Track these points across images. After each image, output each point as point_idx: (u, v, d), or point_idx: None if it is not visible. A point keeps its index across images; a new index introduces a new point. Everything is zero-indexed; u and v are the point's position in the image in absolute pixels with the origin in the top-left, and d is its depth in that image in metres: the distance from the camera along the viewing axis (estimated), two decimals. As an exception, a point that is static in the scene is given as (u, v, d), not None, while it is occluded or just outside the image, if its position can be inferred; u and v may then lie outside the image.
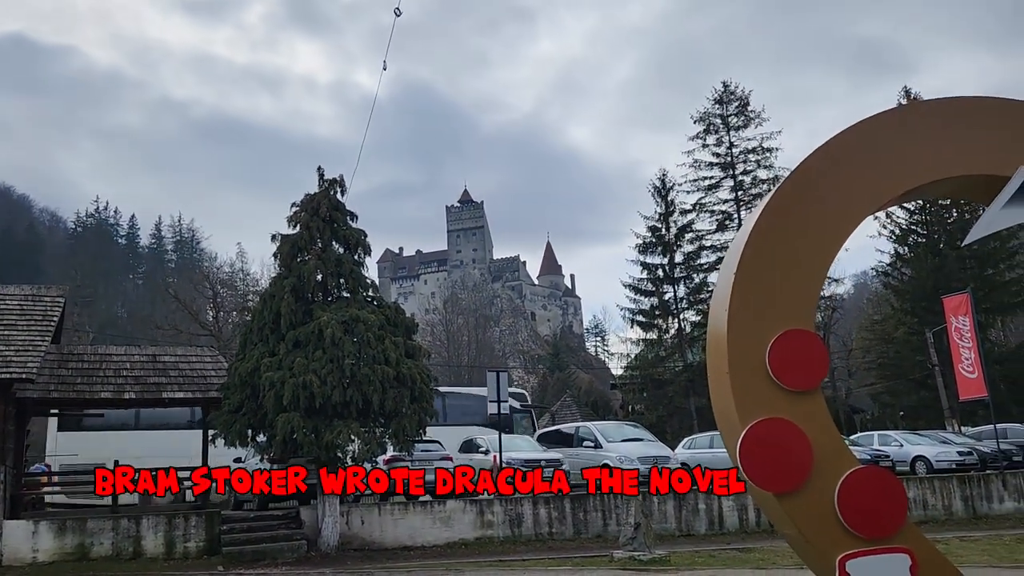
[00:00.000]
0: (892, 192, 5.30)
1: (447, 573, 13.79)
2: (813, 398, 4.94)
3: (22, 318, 18.05)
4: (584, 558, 15.30)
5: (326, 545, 16.63)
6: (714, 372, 5.25)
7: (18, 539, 15.99)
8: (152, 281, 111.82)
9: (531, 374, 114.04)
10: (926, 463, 22.57)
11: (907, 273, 42.96)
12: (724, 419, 5.17)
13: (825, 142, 5.28)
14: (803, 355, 4.89)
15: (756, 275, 5.02)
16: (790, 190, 5.21)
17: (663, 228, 43.92)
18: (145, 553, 16.43)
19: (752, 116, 43.86)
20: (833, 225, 5.18)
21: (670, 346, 43.88)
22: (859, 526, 4.69)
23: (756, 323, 4.93)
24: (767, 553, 15.30)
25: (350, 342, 16.07)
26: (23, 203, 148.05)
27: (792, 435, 4.74)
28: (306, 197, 18.07)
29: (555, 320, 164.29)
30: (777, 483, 4.74)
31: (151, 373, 18.83)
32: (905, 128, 5.34)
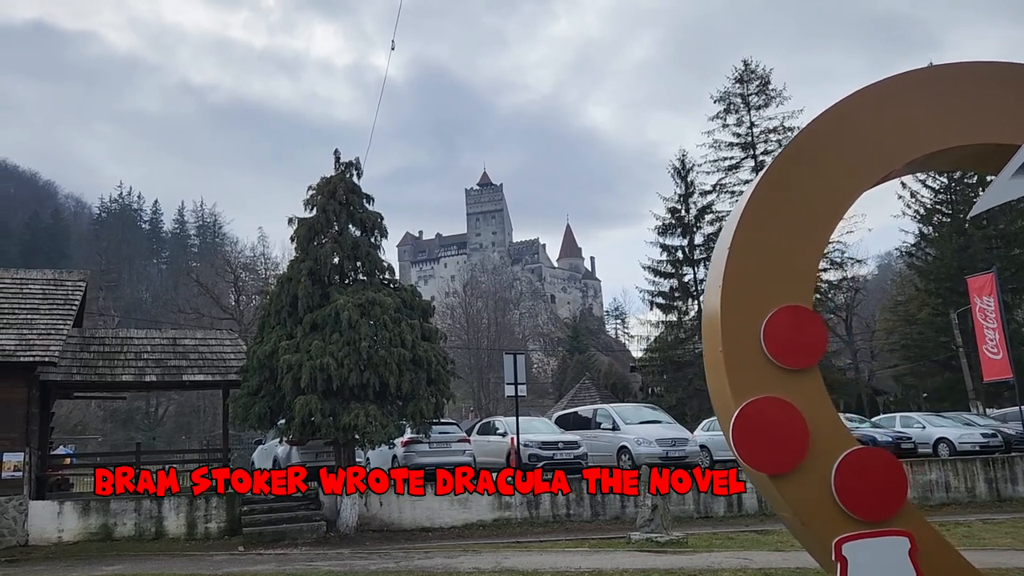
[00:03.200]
0: (894, 163, 5.09)
1: (465, 554, 13.83)
2: (810, 376, 4.78)
3: (44, 302, 18.27)
4: (601, 540, 15.30)
5: (345, 527, 16.76)
6: (709, 351, 5.12)
7: (44, 520, 16.28)
8: (175, 265, 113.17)
9: (551, 356, 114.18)
10: (949, 445, 22.28)
11: (931, 253, 42.32)
12: (719, 399, 5.04)
13: (824, 111, 5.08)
14: (800, 333, 4.73)
15: (751, 250, 4.87)
16: (788, 161, 5.02)
17: (683, 209, 43.50)
18: (167, 534, 16.67)
19: (773, 95, 43.14)
20: (831, 197, 4.99)
21: (690, 328, 43.56)
22: (856, 508, 4.56)
23: (751, 300, 4.78)
24: (785, 535, 15.16)
25: (367, 325, 16.08)
26: (48, 189, 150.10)
27: (787, 414, 4.60)
28: (322, 180, 18.07)
29: (575, 303, 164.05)
30: (771, 464, 4.61)
31: (171, 356, 19.01)
32: (907, 95, 5.10)
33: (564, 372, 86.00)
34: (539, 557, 13.15)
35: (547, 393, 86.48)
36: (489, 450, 20.85)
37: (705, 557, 12.46)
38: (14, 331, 16.92)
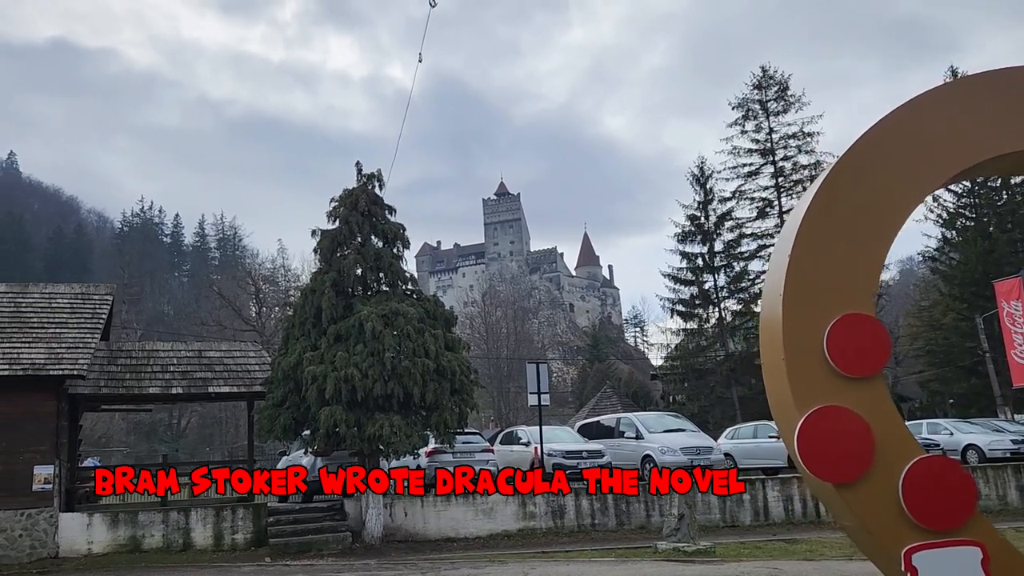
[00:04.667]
0: (953, 169, 5.07)
1: (491, 564, 13.81)
2: (874, 384, 4.75)
3: (72, 316, 18.50)
4: (628, 549, 15.22)
5: (370, 537, 16.79)
6: (768, 359, 5.08)
7: (73, 531, 16.42)
8: (197, 278, 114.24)
9: (570, 365, 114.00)
10: (978, 452, 21.98)
11: (955, 257, 41.85)
12: (780, 408, 5.00)
13: (880, 119, 5.08)
14: (863, 340, 4.70)
15: (812, 257, 4.83)
16: (847, 167, 4.99)
17: (702, 216, 43.37)
18: (194, 545, 16.77)
19: (792, 100, 42.97)
20: (893, 203, 4.97)
21: (711, 335, 43.37)
22: (925, 518, 4.50)
23: (812, 308, 4.75)
24: (814, 544, 15.07)
25: (390, 335, 16.13)
26: (71, 204, 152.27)
27: (852, 423, 4.57)
28: (344, 192, 18.17)
29: (593, 311, 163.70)
30: (837, 473, 4.56)
31: (197, 368, 19.16)
32: (964, 102, 5.10)
33: (584, 381, 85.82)
34: (565, 567, 13.11)
35: (567, 402, 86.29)
36: (512, 459, 20.81)
37: (734, 567, 12.36)
38: (43, 345, 17.14)
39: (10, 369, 16.33)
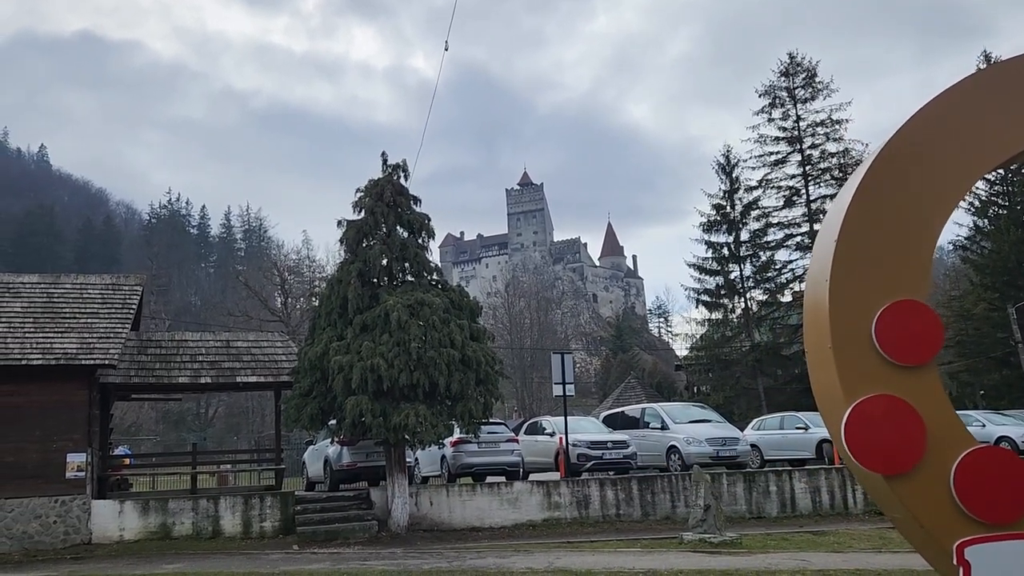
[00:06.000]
0: (1009, 151, 4.91)
1: (516, 554, 13.84)
2: (926, 373, 4.60)
3: (103, 306, 18.75)
4: (653, 540, 15.18)
5: (396, 526, 16.90)
6: (814, 347, 4.96)
7: (105, 518, 16.70)
8: (223, 269, 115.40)
9: (594, 356, 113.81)
10: (1012, 444, 21.67)
11: (987, 246, 41.12)
12: (826, 397, 4.89)
13: (926, 104, 4.95)
14: (915, 327, 4.57)
15: (860, 242, 4.69)
16: (898, 148, 4.84)
17: (728, 206, 42.92)
18: (223, 532, 16.98)
19: (820, 87, 42.30)
20: (942, 188, 4.83)
21: (736, 326, 43.02)
22: (980, 510, 4.36)
23: (861, 294, 4.62)
24: (842, 536, 14.95)
25: (416, 325, 16.18)
26: (100, 196, 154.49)
27: (903, 413, 4.45)
28: (370, 183, 18.22)
29: (617, 301, 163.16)
30: (887, 464, 4.44)
31: (225, 358, 19.36)
32: (1010, 86, 4.94)
33: (608, 371, 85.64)
34: (591, 557, 13.10)
35: (591, 393, 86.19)
36: (537, 450, 20.82)
37: (761, 558, 12.28)
38: (75, 335, 17.40)
39: (43, 358, 16.60)
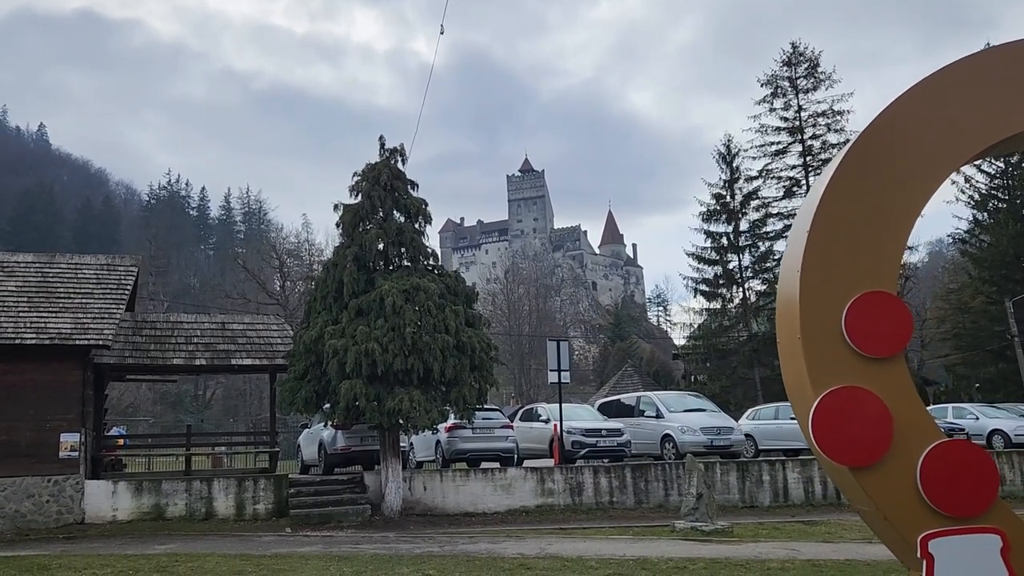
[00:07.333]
0: (982, 143, 4.86)
1: (508, 539, 13.87)
2: (894, 365, 4.58)
3: (98, 287, 18.71)
4: (645, 528, 15.22)
5: (389, 510, 16.93)
6: (784, 338, 4.95)
7: (99, 498, 16.73)
8: (222, 251, 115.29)
9: (592, 344, 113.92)
10: (1004, 437, 21.71)
11: (986, 240, 41.10)
12: (795, 388, 4.87)
13: (905, 91, 4.89)
14: (884, 319, 4.53)
15: (832, 232, 4.67)
16: (872, 139, 4.80)
17: (728, 195, 42.84)
18: (217, 514, 17.01)
19: (822, 78, 42.11)
20: (919, 178, 4.78)
21: (734, 316, 43.05)
22: (944, 503, 4.36)
23: (831, 284, 4.59)
24: (834, 526, 14.98)
25: (411, 310, 16.15)
26: (100, 177, 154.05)
27: (870, 405, 4.41)
28: (367, 167, 18.13)
29: (616, 290, 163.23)
30: (853, 456, 4.42)
31: (220, 340, 19.35)
32: (997, 72, 4.87)
33: (605, 359, 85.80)
34: (583, 544, 13.13)
35: (588, 380, 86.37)
36: (532, 437, 20.85)
37: (751, 547, 12.31)
38: (69, 315, 17.37)
39: (37, 338, 16.58)
